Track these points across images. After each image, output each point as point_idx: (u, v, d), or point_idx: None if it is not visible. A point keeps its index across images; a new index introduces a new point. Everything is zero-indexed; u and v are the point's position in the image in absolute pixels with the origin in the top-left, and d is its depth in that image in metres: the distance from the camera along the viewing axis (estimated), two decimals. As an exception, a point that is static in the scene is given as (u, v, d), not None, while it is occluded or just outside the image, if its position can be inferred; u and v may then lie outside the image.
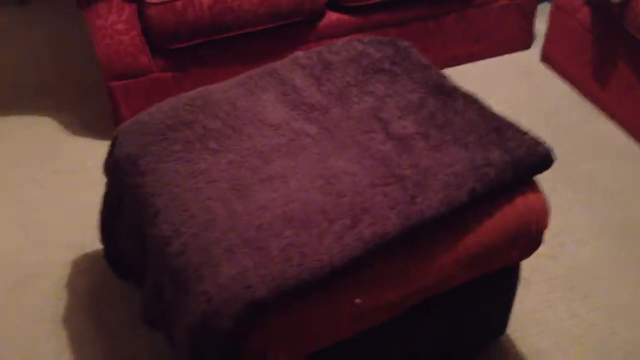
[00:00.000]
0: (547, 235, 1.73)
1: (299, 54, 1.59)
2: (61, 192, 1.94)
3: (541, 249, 1.68)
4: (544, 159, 1.26)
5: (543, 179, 1.88)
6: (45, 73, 2.42)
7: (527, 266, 1.66)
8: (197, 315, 1.10)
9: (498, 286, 1.37)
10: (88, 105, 2.26)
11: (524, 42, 2.44)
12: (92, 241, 1.75)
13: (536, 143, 1.27)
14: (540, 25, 2.47)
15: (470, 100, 1.38)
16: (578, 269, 1.66)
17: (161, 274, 1.25)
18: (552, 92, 2.25)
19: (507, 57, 2.41)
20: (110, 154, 1.47)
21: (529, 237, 1.27)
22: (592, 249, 1.72)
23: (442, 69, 2.35)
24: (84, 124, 2.18)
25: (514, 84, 2.29)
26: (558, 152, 1.97)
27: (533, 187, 1.28)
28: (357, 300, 1.13)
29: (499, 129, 1.31)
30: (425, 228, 1.17)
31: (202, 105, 1.44)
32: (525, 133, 1.30)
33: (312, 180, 1.24)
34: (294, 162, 1.29)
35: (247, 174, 1.27)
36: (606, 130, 2.09)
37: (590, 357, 1.48)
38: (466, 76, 2.34)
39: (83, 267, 1.72)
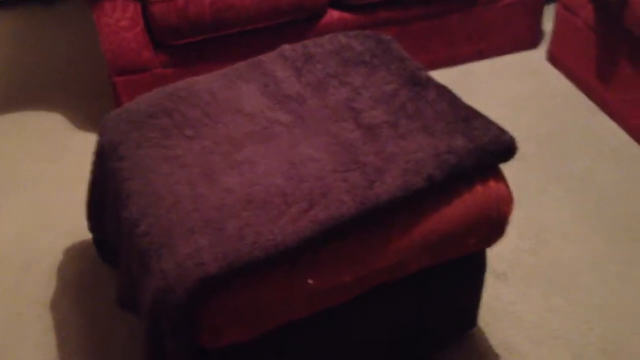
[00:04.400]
0: (532, 231, 1.73)
1: (286, 46, 1.63)
2: (67, 183, 2.02)
3: (524, 244, 1.70)
4: (507, 148, 1.26)
5: (534, 177, 1.88)
6: (59, 71, 2.52)
7: (507, 260, 1.65)
8: (155, 292, 1.14)
9: (462, 275, 1.37)
10: (96, 100, 2.34)
11: (532, 41, 2.42)
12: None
13: (501, 132, 1.27)
14: (549, 25, 2.44)
15: (443, 91, 1.39)
16: (559, 265, 1.64)
17: (130, 255, 1.29)
18: (556, 90, 2.22)
19: (513, 55, 2.39)
20: (98, 141, 1.53)
21: (489, 225, 1.26)
22: (576, 246, 1.69)
23: (447, 67, 2.37)
24: (92, 118, 2.26)
25: (518, 83, 2.28)
26: (554, 150, 1.98)
27: (497, 176, 1.28)
28: (310, 281, 1.15)
29: (467, 118, 1.31)
30: (381, 212, 1.18)
31: (185, 95, 1.49)
32: (492, 122, 1.30)
33: (279, 166, 1.27)
34: (264, 149, 1.32)
35: (217, 159, 1.31)
36: (606, 129, 2.05)
37: (563, 351, 1.46)
38: (471, 74, 2.34)
39: (76, 253, 1.79)
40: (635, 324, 1.51)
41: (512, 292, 1.58)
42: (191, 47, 2.08)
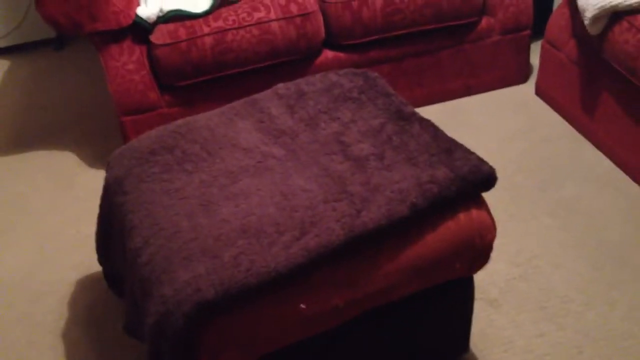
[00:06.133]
0: (523, 258, 1.80)
1: (280, 85, 1.72)
2: (77, 218, 2.11)
3: (515, 271, 1.76)
4: (486, 177, 1.33)
5: (524, 206, 1.95)
6: (70, 112, 2.64)
7: (499, 287, 1.71)
8: (155, 316, 1.21)
9: (451, 301, 1.43)
10: (104, 139, 2.45)
11: (520, 76, 2.52)
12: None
13: (481, 162, 1.35)
14: (537, 60, 2.54)
15: (426, 125, 1.47)
16: (550, 291, 1.70)
17: (134, 283, 1.37)
18: (544, 123, 2.31)
19: (503, 90, 2.49)
20: (105, 177, 1.63)
21: (473, 251, 1.33)
22: (565, 272, 1.75)
23: (439, 102, 2.46)
24: (101, 156, 2.36)
25: (508, 116, 2.36)
26: (543, 179, 2.06)
27: (479, 205, 1.35)
28: (302, 305, 1.22)
29: (449, 150, 1.39)
30: (369, 239, 1.25)
31: (185, 132, 1.58)
32: (472, 153, 1.37)
33: (272, 197, 1.35)
34: (259, 181, 1.40)
35: (215, 192, 1.39)
36: (592, 158, 2.13)
37: (554, 374, 1.51)
38: (463, 109, 2.43)
39: (86, 285, 1.86)
40: (623, 347, 1.56)
41: (504, 318, 1.64)
42: (194, 87, 2.19)
